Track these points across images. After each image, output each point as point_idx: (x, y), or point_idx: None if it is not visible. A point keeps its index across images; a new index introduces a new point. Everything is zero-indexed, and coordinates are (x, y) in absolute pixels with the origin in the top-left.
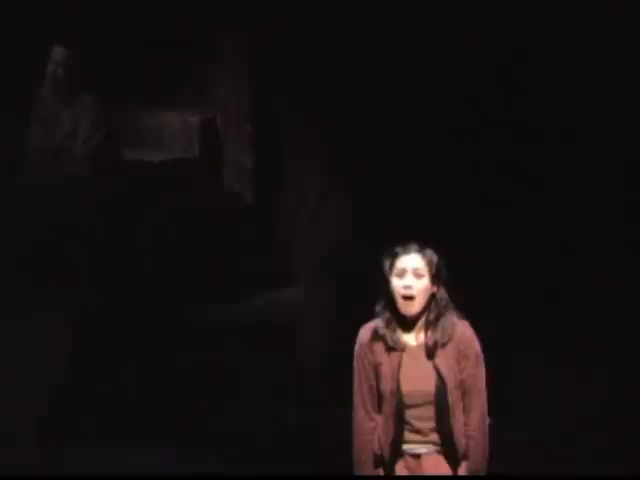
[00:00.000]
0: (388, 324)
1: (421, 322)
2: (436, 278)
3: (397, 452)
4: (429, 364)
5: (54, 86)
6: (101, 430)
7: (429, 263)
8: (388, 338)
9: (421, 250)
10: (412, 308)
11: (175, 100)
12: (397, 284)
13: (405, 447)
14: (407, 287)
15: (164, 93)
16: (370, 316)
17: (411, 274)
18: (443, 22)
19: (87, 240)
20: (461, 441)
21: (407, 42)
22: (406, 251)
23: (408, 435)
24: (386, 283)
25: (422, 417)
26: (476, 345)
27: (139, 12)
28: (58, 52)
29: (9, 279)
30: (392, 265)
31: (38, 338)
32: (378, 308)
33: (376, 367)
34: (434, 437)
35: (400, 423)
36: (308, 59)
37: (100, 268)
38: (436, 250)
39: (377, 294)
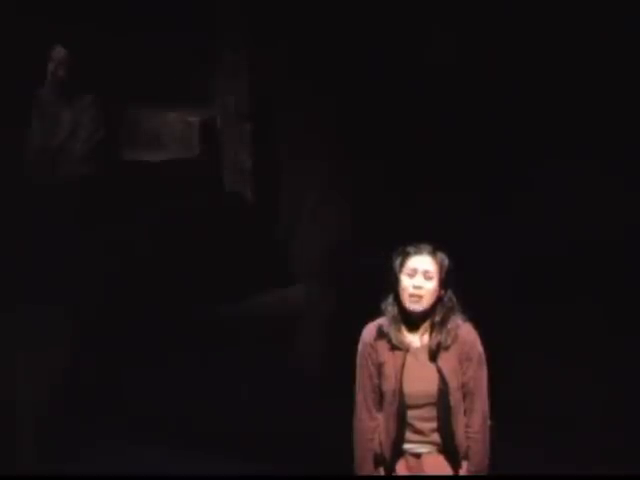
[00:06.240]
0: (393, 322)
1: (426, 324)
2: (445, 281)
3: (398, 452)
4: (432, 365)
5: (54, 86)
6: (101, 430)
7: (440, 266)
8: (392, 337)
9: (433, 252)
10: (418, 305)
11: (175, 100)
12: (407, 283)
13: (406, 446)
14: (417, 287)
15: (164, 93)
16: (370, 316)
17: (421, 275)
18: (441, 27)
19: (87, 240)
20: (462, 442)
21: (407, 42)
22: (418, 252)
23: (409, 435)
24: (394, 281)
25: (424, 418)
26: (479, 347)
27: (139, 12)
28: (58, 52)
29: (9, 278)
30: (403, 264)
31: (38, 338)
32: (384, 305)
33: (379, 366)
34: (435, 437)
35: (402, 423)
36: (308, 59)
37: (100, 268)
38: (437, 248)
39: (382, 292)
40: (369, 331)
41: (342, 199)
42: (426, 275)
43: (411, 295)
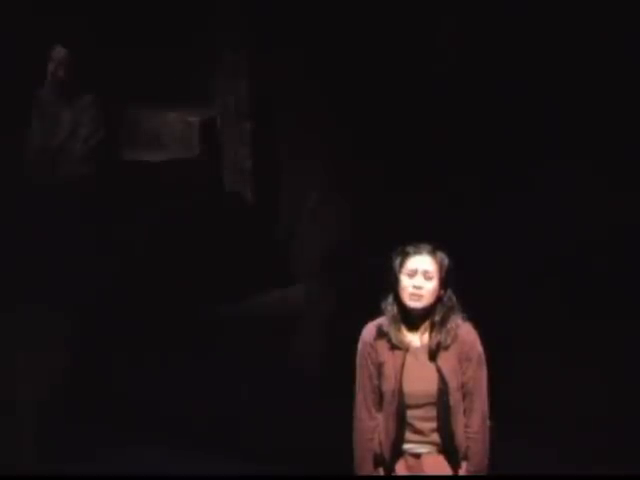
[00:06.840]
0: (393, 322)
1: (426, 323)
2: (445, 281)
3: (397, 452)
4: (432, 365)
5: (54, 86)
6: (101, 430)
7: (440, 266)
8: (392, 336)
9: (433, 252)
10: (419, 302)
11: (175, 100)
12: (407, 283)
13: (405, 446)
14: (417, 287)
15: (164, 93)
16: (370, 316)
17: (421, 275)
18: (442, 25)
19: (87, 240)
20: (462, 442)
21: (407, 41)
22: (418, 251)
23: (409, 435)
24: (394, 280)
25: (423, 417)
26: (479, 347)
27: (139, 12)
28: (58, 52)
29: (9, 278)
30: (402, 264)
31: (38, 338)
32: (384, 305)
33: (379, 366)
34: (435, 437)
35: (401, 423)
36: (308, 59)
37: (100, 268)
38: (437, 248)
39: (382, 292)
40: (369, 331)
41: (342, 199)
42: (426, 275)
43: (411, 294)
